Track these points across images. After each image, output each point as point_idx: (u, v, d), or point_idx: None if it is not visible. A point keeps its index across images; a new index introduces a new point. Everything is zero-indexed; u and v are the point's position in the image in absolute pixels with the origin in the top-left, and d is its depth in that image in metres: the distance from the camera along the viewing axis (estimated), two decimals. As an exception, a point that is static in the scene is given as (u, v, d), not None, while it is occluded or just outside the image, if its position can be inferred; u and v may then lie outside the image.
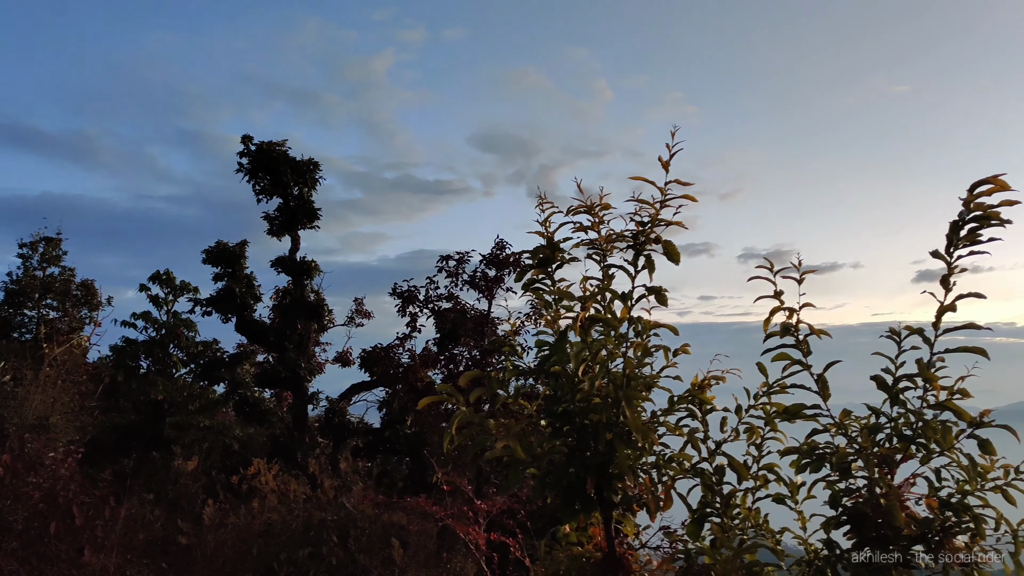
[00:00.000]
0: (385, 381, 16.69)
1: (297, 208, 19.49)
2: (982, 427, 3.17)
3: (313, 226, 19.90)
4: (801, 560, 3.52)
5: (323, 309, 19.56)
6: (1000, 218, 3.30)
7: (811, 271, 3.63)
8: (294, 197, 19.53)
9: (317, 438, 18.55)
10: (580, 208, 4.10)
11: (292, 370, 18.20)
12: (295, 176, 19.23)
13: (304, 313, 19.21)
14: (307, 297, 19.43)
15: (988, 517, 3.19)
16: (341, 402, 18.44)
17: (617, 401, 3.81)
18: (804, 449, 3.50)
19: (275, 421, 20.11)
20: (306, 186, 19.57)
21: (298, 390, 18.61)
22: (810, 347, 3.62)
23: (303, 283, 19.52)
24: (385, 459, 16.26)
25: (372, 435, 16.85)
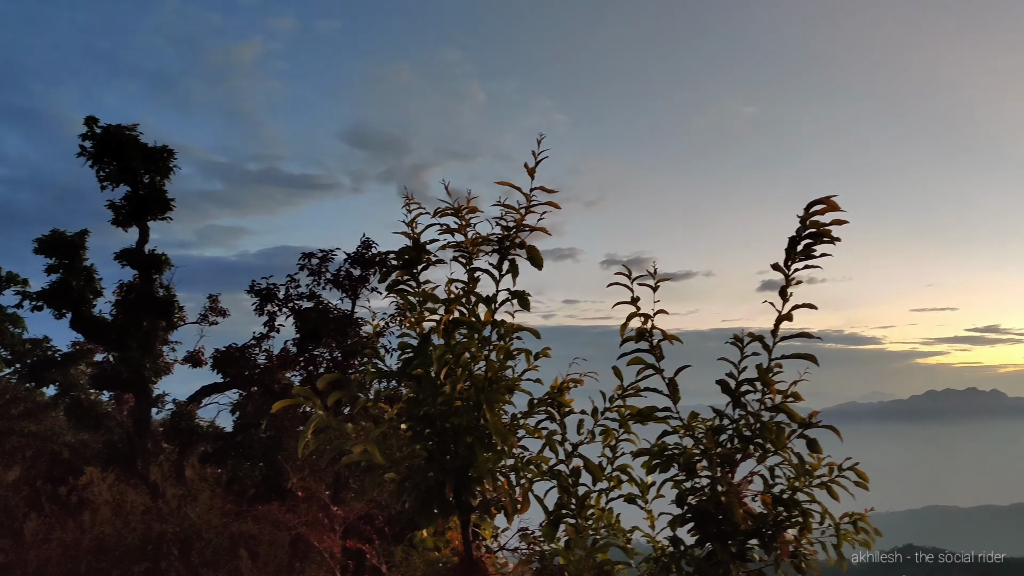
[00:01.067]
0: (239, 383, 15.99)
1: (147, 197, 18.32)
2: (810, 428, 3.43)
3: (165, 217, 18.78)
4: (649, 557, 3.68)
5: (173, 305, 18.51)
6: (832, 235, 3.59)
7: (666, 279, 3.81)
8: (144, 185, 18.35)
9: (161, 444, 17.51)
10: (447, 210, 4.11)
11: (135, 370, 17.10)
12: (146, 163, 18.07)
13: (151, 309, 18.10)
14: (155, 292, 18.31)
15: (815, 511, 3.46)
16: (190, 405, 17.52)
17: (479, 404, 3.84)
18: (655, 450, 3.66)
19: (113, 426, 18.82)
20: (158, 174, 18.43)
21: (141, 392, 17.51)
22: (663, 352, 3.79)
23: (151, 277, 18.39)
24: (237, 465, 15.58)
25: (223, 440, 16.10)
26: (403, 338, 4.20)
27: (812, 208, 3.58)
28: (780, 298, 3.64)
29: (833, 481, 3.51)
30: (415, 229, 4.22)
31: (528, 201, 3.88)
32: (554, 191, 3.89)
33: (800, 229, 3.62)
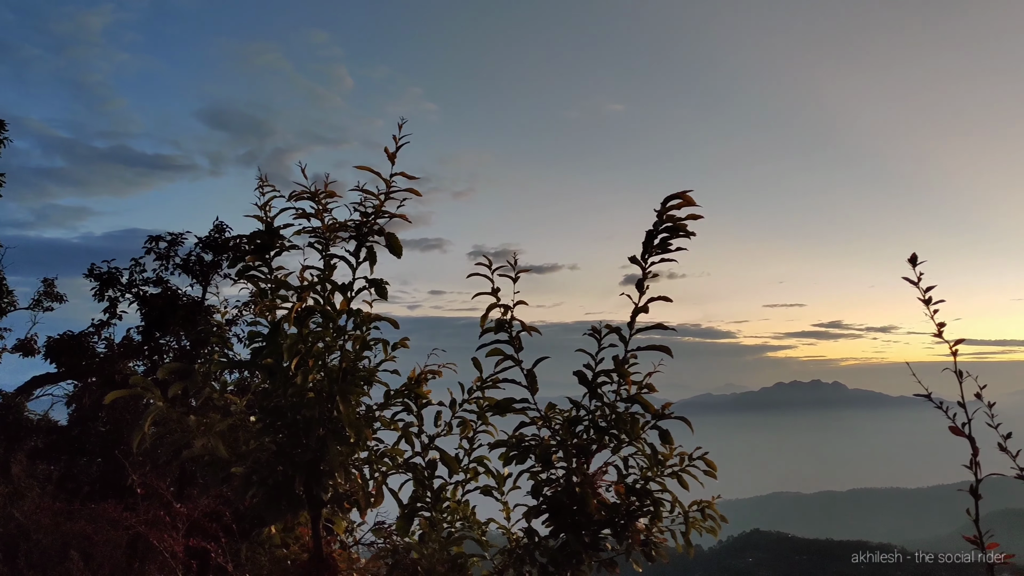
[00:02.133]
0: (76, 373, 14.84)
1: (-35, 170, 16.69)
2: (663, 418, 3.49)
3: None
4: (504, 549, 3.64)
5: (1, 290, 16.97)
6: (687, 230, 3.66)
7: (526, 270, 3.78)
8: (-38, 157, 16.70)
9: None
10: (303, 194, 3.93)
11: (-45, 360, 15.57)
12: (-37, 132, 16.44)
13: (-27, 294, 16.52)
14: (-23, 275, 16.72)
15: (665, 500, 3.53)
16: (18, 397, 16.13)
17: (332, 396, 3.69)
18: (512, 442, 3.63)
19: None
20: (-19, 146, 16.84)
21: (-38, 383, 15.95)
22: (522, 343, 3.76)
23: (-28, 258, 16.77)
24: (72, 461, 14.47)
25: (57, 434, 14.92)
26: (254, 327, 4.00)
27: (669, 203, 3.63)
28: (637, 291, 3.68)
29: (684, 470, 3.59)
30: (268, 213, 4.02)
31: (388, 187, 3.76)
32: (415, 177, 3.78)
33: (657, 223, 3.67)
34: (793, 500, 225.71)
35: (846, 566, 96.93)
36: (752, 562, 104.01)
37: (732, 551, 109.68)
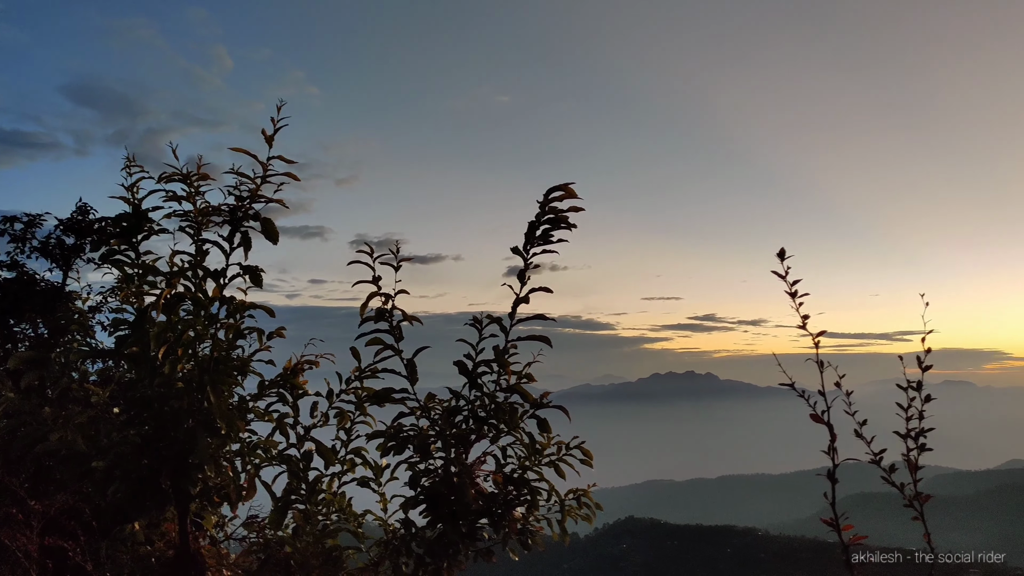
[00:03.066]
0: (-88, 364, 13.64)
1: None
2: (542, 408, 3.55)
3: None
4: (380, 541, 3.61)
5: None
6: (569, 222, 3.73)
7: (408, 259, 3.74)
8: None
9: None
10: (174, 176, 3.75)
11: None
12: None
13: None
14: None
15: (543, 489, 3.59)
16: None
17: (202, 386, 3.54)
18: (390, 432, 3.59)
19: None
20: None
21: None
22: (403, 333, 3.73)
23: None
24: (-88, 458, 13.32)
25: None
26: (119, 314, 3.79)
27: (551, 194, 3.68)
28: (519, 281, 3.72)
29: (561, 459, 3.66)
30: (136, 195, 3.82)
31: (265, 170, 3.63)
32: (294, 162, 3.67)
33: (540, 214, 3.71)
34: (667, 487, 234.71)
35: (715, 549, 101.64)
36: (626, 548, 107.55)
37: (607, 538, 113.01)
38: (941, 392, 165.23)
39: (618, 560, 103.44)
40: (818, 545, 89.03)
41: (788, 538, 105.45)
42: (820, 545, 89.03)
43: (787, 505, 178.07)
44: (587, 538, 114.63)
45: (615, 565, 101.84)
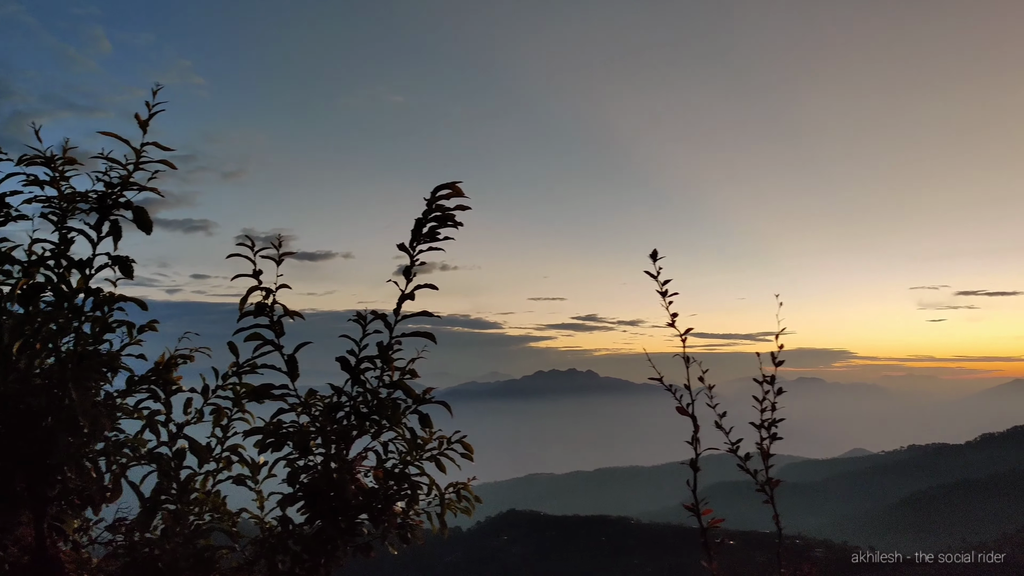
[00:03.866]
0: None
1: None
2: (424, 403, 3.57)
3: None
4: (256, 539, 3.53)
5: None
6: (455, 220, 3.76)
7: (291, 254, 3.67)
8: None
9: None
10: (36, 159, 3.53)
11: None
12: None
13: None
14: None
15: (423, 483, 3.61)
16: None
17: (64, 382, 3.35)
18: (268, 429, 3.52)
19: None
20: None
21: None
22: (284, 328, 3.66)
23: None
24: None
25: None
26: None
27: (439, 192, 3.70)
28: (404, 278, 3.72)
29: (442, 454, 3.69)
30: (-10, 178, 3.57)
31: (138, 156, 3.47)
32: (170, 149, 3.53)
33: (427, 212, 3.73)
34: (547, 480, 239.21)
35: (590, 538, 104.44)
36: (507, 540, 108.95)
37: (489, 531, 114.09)
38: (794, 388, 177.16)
39: (498, 552, 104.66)
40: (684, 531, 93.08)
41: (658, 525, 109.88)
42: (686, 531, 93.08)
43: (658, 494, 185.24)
44: (469, 531, 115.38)
45: (495, 556, 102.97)
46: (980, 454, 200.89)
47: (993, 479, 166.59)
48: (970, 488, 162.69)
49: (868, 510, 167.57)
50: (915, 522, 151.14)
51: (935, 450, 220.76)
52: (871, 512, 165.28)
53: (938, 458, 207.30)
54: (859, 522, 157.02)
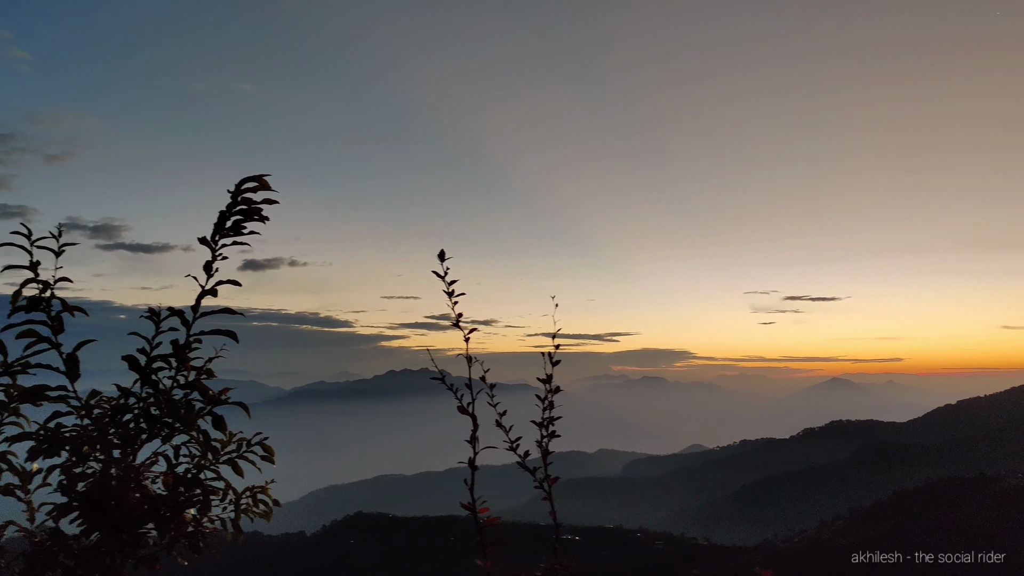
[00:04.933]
0: None
1: None
2: (219, 404, 3.40)
3: None
4: (24, 554, 3.24)
5: None
6: (262, 214, 3.62)
7: (73, 244, 3.40)
8: None
9: None
10: None
11: None
12: None
13: None
14: None
15: (219, 488, 3.44)
16: None
17: None
18: (41, 434, 3.24)
19: None
20: None
21: None
22: (63, 324, 3.38)
23: None
24: None
25: None
26: None
27: (244, 185, 3.56)
28: (204, 273, 3.54)
29: (241, 457, 3.54)
30: None
31: None
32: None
33: (231, 205, 3.57)
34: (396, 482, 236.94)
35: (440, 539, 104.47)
36: (353, 543, 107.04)
37: (335, 535, 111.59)
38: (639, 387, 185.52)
39: (345, 556, 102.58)
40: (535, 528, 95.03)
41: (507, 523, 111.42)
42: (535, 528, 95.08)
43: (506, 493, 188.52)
44: (314, 536, 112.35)
45: (342, 562, 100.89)
46: (802, 447, 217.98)
47: (813, 470, 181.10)
48: (794, 479, 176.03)
49: (705, 503, 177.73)
50: (747, 513, 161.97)
51: (764, 444, 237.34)
52: (708, 504, 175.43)
53: (766, 452, 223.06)
54: (697, 514, 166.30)
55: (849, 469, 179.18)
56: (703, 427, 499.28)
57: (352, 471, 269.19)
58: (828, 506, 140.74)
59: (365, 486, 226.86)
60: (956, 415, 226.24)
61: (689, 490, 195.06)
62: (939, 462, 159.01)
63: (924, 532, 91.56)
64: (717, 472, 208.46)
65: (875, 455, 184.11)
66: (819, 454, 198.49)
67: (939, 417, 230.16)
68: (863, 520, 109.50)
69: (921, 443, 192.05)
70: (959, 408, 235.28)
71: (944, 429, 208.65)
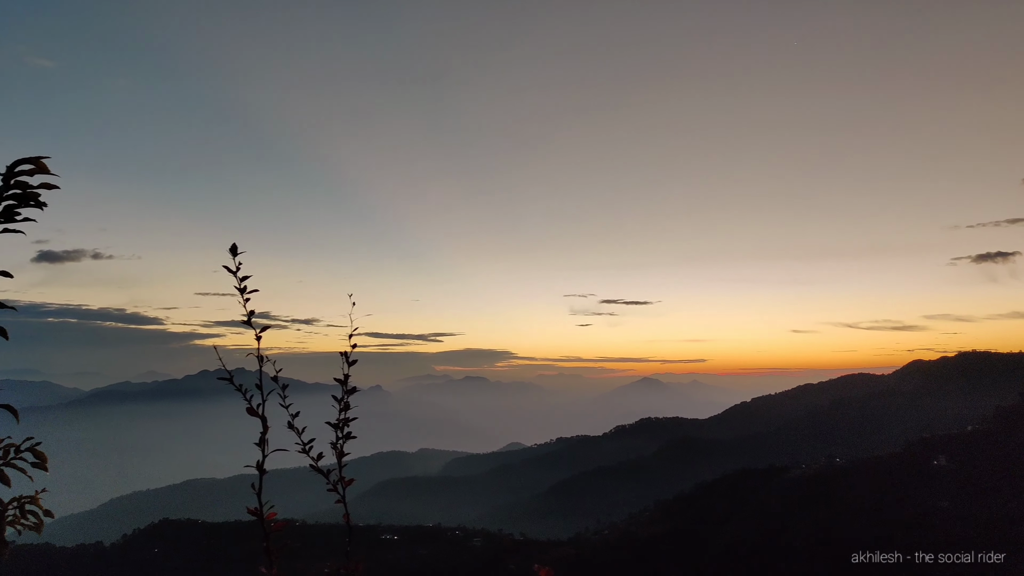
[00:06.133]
0: None
1: None
2: (-20, 408, 3.10)
3: None
4: None
5: None
6: (39, 200, 3.34)
7: None
8: None
9: None
10: None
11: None
12: None
13: None
14: None
15: (-22, 499, 3.14)
16: None
17: None
18: None
19: None
20: None
21: None
22: None
23: None
24: None
25: None
26: None
27: (18, 167, 3.28)
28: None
29: (8, 464, 3.24)
30: None
31: None
32: None
33: (2, 188, 3.27)
34: (208, 486, 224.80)
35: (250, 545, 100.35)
36: (158, 552, 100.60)
37: (138, 544, 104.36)
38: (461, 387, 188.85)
39: (148, 565, 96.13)
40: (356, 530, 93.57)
41: (325, 525, 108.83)
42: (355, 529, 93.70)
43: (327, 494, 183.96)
44: (114, 547, 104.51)
45: (144, 570, 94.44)
46: (614, 444, 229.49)
47: (623, 466, 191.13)
48: (606, 475, 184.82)
49: (522, 499, 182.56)
50: (561, 507, 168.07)
51: (578, 441, 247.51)
52: (525, 501, 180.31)
53: (581, 449, 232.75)
54: (514, 510, 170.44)
55: (656, 463, 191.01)
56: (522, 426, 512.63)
57: (160, 476, 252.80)
58: (637, 499, 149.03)
59: (174, 491, 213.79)
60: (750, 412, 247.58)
61: (507, 487, 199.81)
62: (736, 455, 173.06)
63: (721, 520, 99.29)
64: (534, 469, 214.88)
65: (680, 450, 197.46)
66: (629, 450, 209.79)
67: (736, 414, 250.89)
68: (667, 510, 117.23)
69: (720, 438, 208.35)
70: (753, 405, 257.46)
71: (740, 424, 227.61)
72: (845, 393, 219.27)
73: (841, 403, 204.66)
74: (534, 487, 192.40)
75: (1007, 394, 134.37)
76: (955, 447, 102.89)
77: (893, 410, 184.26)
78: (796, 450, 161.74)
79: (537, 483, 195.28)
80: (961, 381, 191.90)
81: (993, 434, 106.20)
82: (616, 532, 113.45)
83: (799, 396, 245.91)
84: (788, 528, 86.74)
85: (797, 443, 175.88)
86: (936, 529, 75.68)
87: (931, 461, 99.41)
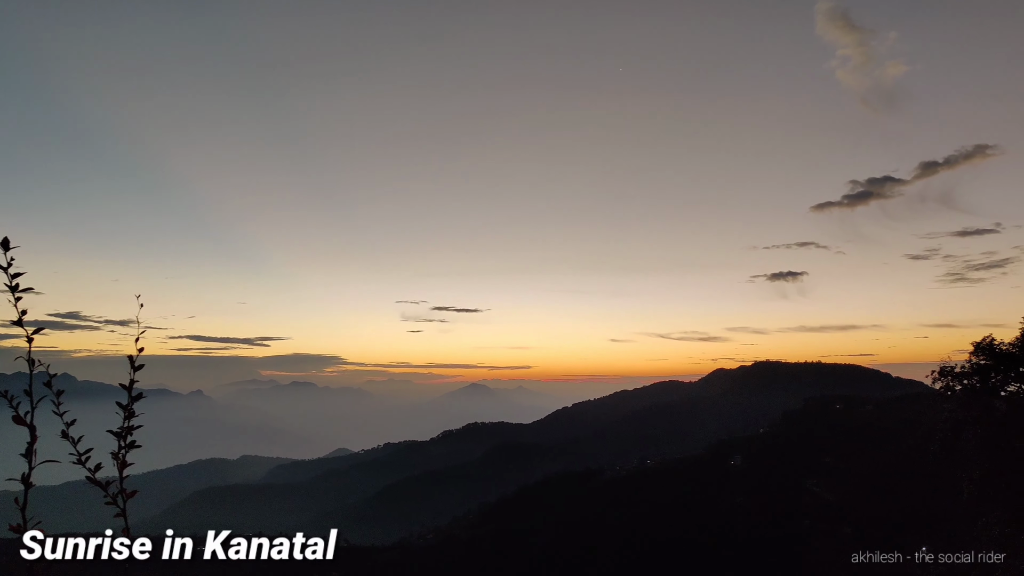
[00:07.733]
0: None
1: None
2: None
3: None
4: None
5: None
6: None
7: None
8: None
9: None
10: None
11: None
12: None
13: None
14: None
15: None
16: None
17: None
18: None
19: None
20: None
21: None
22: None
23: None
24: None
25: None
26: None
27: None
28: None
29: None
30: None
31: None
32: None
33: None
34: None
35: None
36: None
37: None
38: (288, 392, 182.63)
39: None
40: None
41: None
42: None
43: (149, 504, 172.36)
44: None
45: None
46: (441, 448, 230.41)
47: (450, 470, 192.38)
48: (433, 479, 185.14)
49: (349, 505, 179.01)
50: (389, 512, 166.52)
51: (407, 447, 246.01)
52: (351, 506, 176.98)
53: (408, 453, 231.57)
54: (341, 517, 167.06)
55: (482, 467, 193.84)
56: (350, 431, 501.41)
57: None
58: (462, 502, 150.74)
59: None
60: (571, 416, 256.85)
61: (333, 493, 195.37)
62: (557, 458, 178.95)
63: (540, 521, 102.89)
64: (361, 475, 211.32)
65: (504, 454, 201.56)
66: (456, 454, 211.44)
67: (558, 418, 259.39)
68: (489, 514, 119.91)
69: (542, 442, 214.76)
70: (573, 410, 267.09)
71: (561, 429, 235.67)
72: (658, 399, 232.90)
73: (654, 408, 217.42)
74: (361, 493, 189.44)
75: (793, 399, 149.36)
76: (749, 447, 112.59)
77: (699, 414, 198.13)
78: (613, 453, 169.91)
79: (364, 489, 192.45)
80: (756, 387, 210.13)
81: (780, 435, 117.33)
82: (440, 535, 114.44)
83: (616, 402, 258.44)
84: (600, 526, 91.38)
85: (614, 446, 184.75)
86: (736, 526, 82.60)
87: (729, 461, 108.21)
